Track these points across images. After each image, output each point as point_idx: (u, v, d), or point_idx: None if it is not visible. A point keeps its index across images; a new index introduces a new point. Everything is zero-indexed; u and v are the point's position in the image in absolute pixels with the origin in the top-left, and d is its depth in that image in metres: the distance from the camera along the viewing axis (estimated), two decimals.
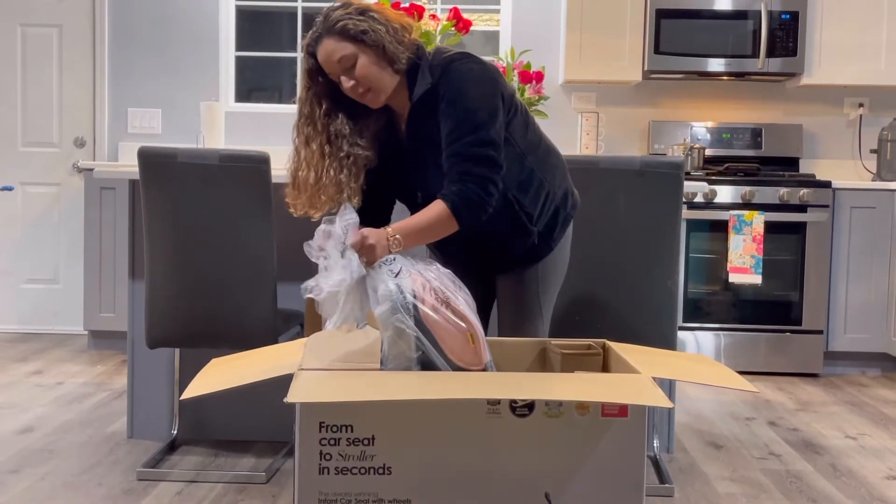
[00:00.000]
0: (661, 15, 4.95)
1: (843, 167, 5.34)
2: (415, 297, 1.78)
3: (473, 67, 2.25)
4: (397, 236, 2.08)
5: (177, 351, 3.24)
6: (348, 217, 1.99)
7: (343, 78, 2.23)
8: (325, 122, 2.28)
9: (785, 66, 4.97)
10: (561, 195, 2.40)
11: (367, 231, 2.01)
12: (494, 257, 2.41)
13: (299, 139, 2.29)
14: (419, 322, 1.75)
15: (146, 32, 5.40)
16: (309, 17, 5.52)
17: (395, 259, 1.92)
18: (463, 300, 1.85)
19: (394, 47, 2.22)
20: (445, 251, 2.42)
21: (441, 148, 2.22)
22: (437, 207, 2.17)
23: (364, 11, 2.21)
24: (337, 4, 2.24)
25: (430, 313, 1.77)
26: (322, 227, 1.99)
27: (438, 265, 1.94)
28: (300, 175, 2.27)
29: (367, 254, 1.98)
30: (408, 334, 1.73)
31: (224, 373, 1.77)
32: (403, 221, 2.15)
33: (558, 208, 2.39)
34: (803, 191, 4.66)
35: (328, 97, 2.28)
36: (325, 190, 2.26)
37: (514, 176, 2.29)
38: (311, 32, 2.25)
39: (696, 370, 1.90)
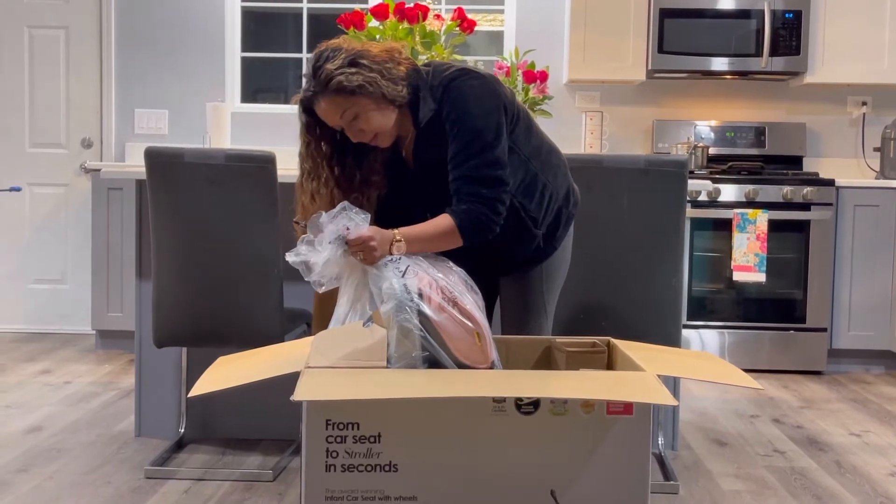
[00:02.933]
0: (665, 14, 4.94)
1: (846, 165, 5.33)
2: (420, 296, 1.78)
3: (474, 83, 2.23)
4: (402, 241, 2.08)
5: (184, 350, 3.24)
6: (358, 217, 2.00)
7: (347, 130, 2.22)
8: (329, 171, 2.27)
9: (788, 64, 4.96)
10: (563, 195, 2.40)
11: (373, 231, 2.02)
12: (500, 262, 2.41)
13: (304, 196, 2.27)
14: (425, 321, 1.75)
15: (152, 34, 5.41)
16: (314, 19, 5.52)
17: (400, 258, 1.93)
18: (471, 299, 1.86)
19: (391, 89, 2.19)
20: (450, 253, 2.42)
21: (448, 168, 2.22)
22: (444, 221, 2.17)
23: (354, 61, 2.15)
24: (325, 52, 2.19)
25: (436, 312, 1.77)
26: (338, 208, 2.00)
27: (451, 263, 1.94)
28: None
29: (367, 254, 1.99)
30: (413, 333, 1.73)
31: (231, 371, 1.77)
32: (411, 227, 2.15)
33: (561, 208, 2.39)
34: (807, 189, 4.65)
35: (330, 144, 2.27)
36: None
37: (519, 181, 2.29)
38: (304, 89, 2.22)
39: (700, 368, 1.90)
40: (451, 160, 2.21)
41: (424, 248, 2.16)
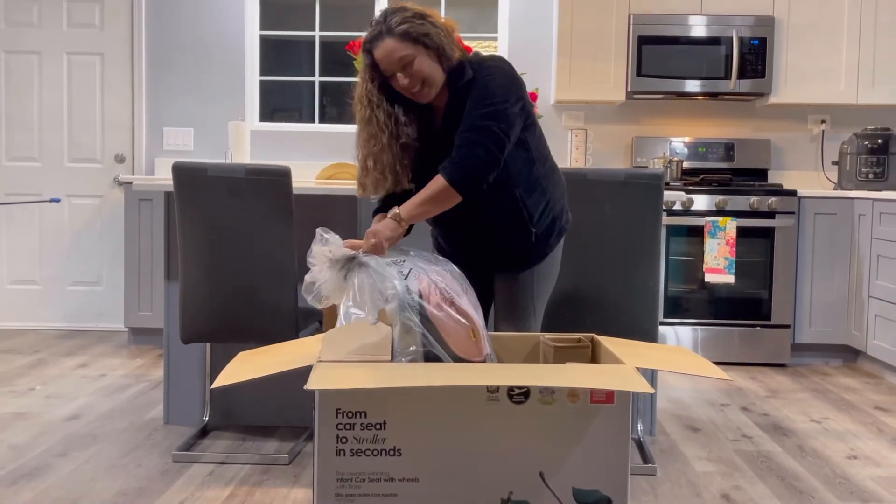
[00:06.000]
0: (643, 41, 4.95)
1: (807, 178, 5.33)
2: (420, 296, 1.78)
3: (506, 68, 2.28)
4: (399, 212, 2.10)
5: (208, 345, 3.24)
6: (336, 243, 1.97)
7: (399, 75, 2.22)
8: (387, 110, 2.27)
9: (754, 86, 4.97)
10: (559, 208, 2.41)
11: (369, 231, 2.03)
12: (493, 250, 2.39)
13: (368, 130, 2.26)
14: (425, 319, 1.76)
15: (179, 59, 5.42)
16: (326, 46, 5.53)
17: (404, 261, 1.93)
18: (467, 299, 1.86)
19: (448, 48, 2.24)
20: (448, 243, 2.41)
21: None
22: (436, 181, 2.17)
23: (423, 16, 2.22)
24: (393, 8, 2.24)
25: (435, 311, 1.77)
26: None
27: (452, 266, 1.94)
28: (369, 163, 2.26)
29: (377, 248, 2.00)
30: (415, 330, 1.73)
31: (251, 364, 1.77)
32: (408, 200, 2.17)
33: (556, 218, 2.39)
34: (771, 199, 4.66)
35: (384, 90, 2.28)
36: (387, 170, 2.26)
37: (524, 178, 2.30)
38: (369, 32, 2.24)
39: (675, 361, 1.90)
40: (464, 116, 2.21)
41: (425, 212, 2.17)
